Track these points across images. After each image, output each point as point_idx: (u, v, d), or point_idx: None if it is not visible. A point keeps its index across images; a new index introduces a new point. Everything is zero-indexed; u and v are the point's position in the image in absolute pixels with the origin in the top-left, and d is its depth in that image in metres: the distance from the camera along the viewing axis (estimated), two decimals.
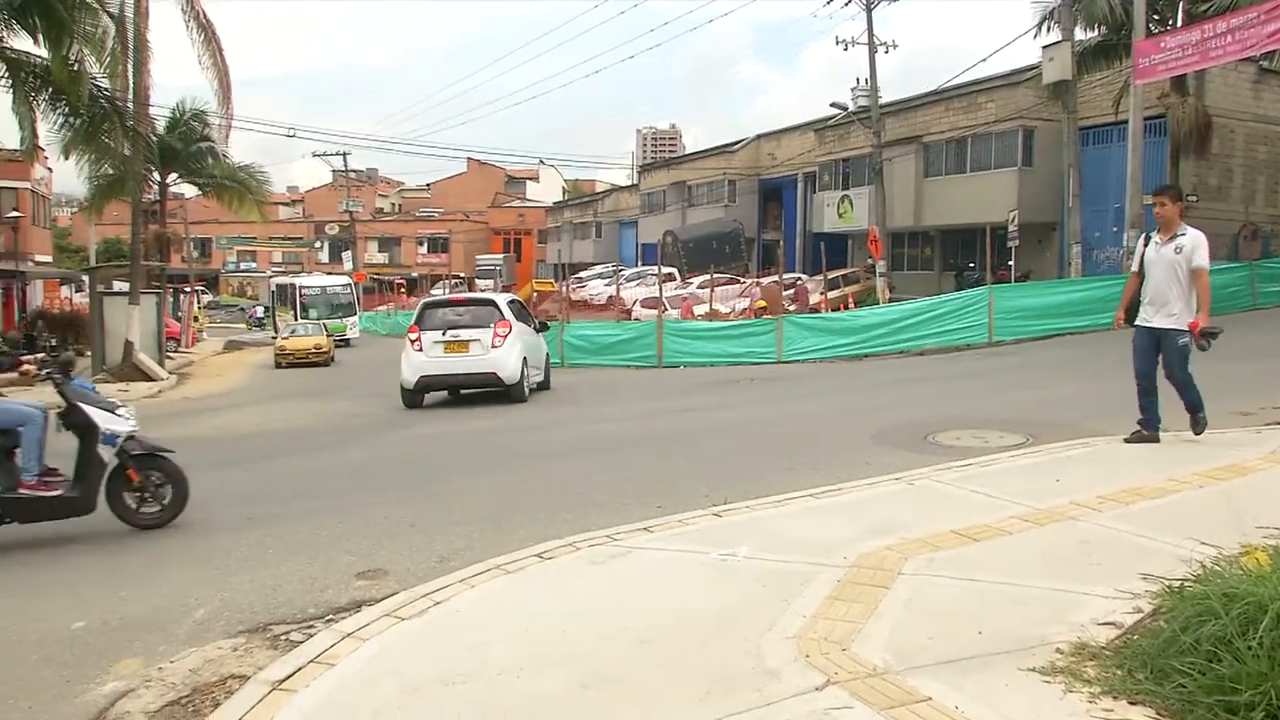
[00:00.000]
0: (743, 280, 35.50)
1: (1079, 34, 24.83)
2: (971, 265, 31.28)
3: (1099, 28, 24.68)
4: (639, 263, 50.78)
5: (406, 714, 3.48)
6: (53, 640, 4.84)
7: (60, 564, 6.36)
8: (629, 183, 68.01)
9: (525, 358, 15.34)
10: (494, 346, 14.76)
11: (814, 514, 6.00)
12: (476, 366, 14.86)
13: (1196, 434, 7.48)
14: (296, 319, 37.43)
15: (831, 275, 30.34)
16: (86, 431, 6.91)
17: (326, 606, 5.13)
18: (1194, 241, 7.25)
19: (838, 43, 31.92)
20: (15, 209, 31.61)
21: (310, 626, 4.80)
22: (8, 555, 6.56)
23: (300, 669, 3.95)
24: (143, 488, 7.17)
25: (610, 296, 35.20)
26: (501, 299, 16.73)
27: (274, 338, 33.74)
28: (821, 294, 28.95)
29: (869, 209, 33.36)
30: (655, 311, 26.89)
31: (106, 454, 6.95)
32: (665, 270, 32.80)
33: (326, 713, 3.57)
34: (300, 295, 41.41)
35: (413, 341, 15.15)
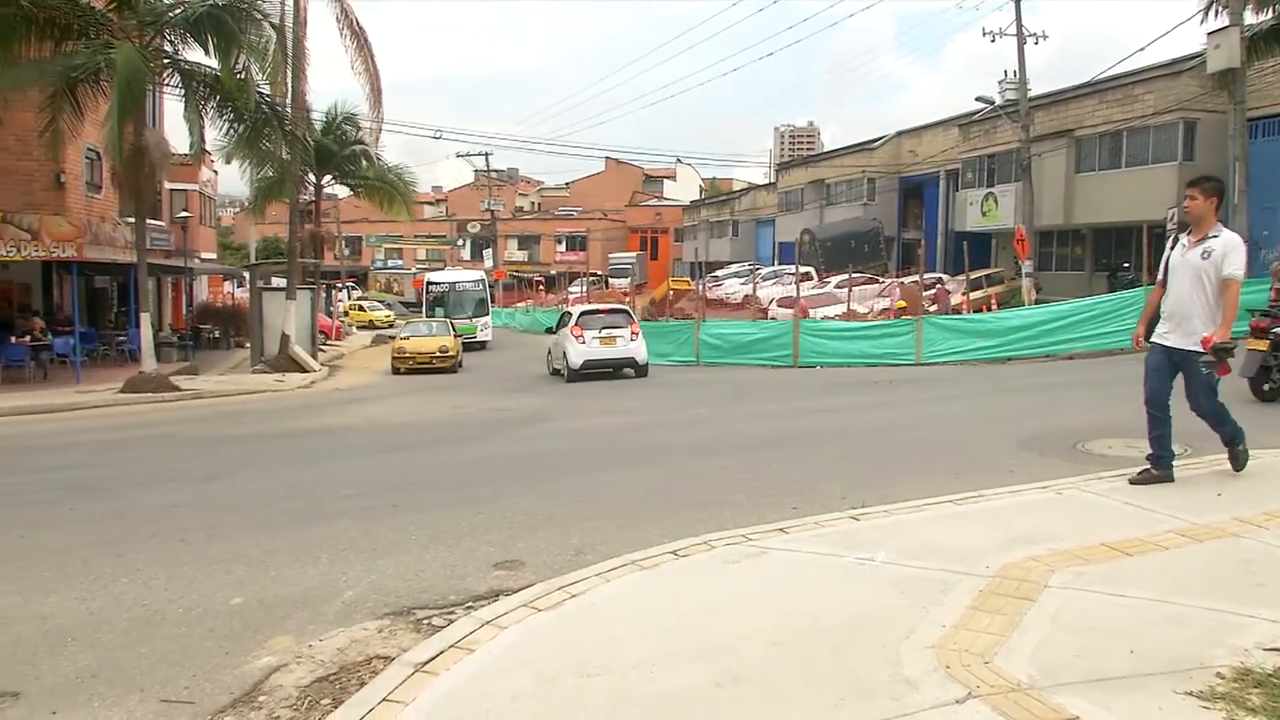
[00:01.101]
0: (881, 280, 34.74)
1: (1249, 18, 23.29)
2: (1126, 265, 29.76)
3: (1272, 10, 23.07)
4: (776, 262, 50.24)
5: (542, 703, 3.56)
6: (215, 615, 5.15)
7: (217, 543, 6.74)
8: (766, 181, 67.56)
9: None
10: (631, 340, 20.92)
11: (955, 521, 5.84)
12: (621, 353, 20.79)
13: (1236, 469, 6.53)
14: (422, 317, 34.03)
15: (974, 275, 29.40)
16: None
17: (466, 594, 5.29)
18: (1226, 245, 6.09)
19: (984, 34, 30.89)
20: (185, 209, 33.71)
21: (451, 612, 4.96)
22: (170, 536, 7.01)
23: (441, 653, 4.09)
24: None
25: (746, 295, 34.96)
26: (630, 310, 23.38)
27: (391, 338, 31.58)
28: (963, 294, 28.08)
29: (1015, 207, 32.17)
30: (791, 311, 26.60)
31: None
32: (802, 269, 32.35)
33: (465, 697, 3.68)
34: (427, 291, 37.70)
35: (577, 337, 20.59)
